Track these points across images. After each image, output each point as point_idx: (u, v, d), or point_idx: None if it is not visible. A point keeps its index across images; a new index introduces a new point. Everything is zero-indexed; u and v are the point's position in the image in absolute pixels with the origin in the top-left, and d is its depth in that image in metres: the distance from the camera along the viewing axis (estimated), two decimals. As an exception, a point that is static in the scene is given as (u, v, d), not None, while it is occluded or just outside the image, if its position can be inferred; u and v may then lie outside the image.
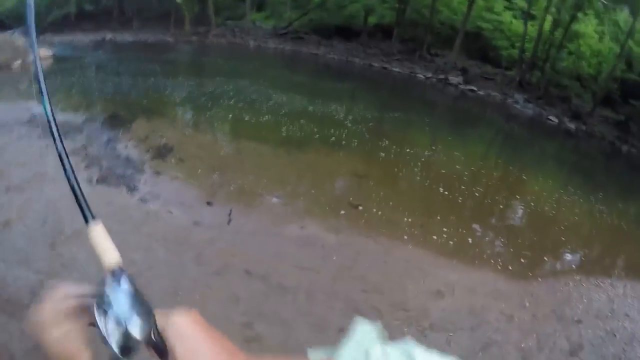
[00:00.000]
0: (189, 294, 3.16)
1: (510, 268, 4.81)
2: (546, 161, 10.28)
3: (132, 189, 5.45)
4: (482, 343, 3.33)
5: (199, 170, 5.70)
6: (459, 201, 6.12)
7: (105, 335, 0.48)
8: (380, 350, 0.45)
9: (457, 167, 7.57)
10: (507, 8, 17.27)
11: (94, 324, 0.50)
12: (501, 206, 6.60)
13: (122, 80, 10.08)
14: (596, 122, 13.22)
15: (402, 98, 13.00)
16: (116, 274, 0.54)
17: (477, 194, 6.67)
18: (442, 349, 2.92)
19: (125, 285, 0.53)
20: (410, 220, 5.16)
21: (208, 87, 9.78)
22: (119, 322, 0.49)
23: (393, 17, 15.89)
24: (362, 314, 3.27)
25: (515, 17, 17.13)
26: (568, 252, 5.78)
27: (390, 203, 5.59)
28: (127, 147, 6.88)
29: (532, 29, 15.39)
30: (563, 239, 6.07)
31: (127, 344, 0.48)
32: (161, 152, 6.50)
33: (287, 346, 2.73)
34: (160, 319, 0.51)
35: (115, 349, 0.48)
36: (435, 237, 5.07)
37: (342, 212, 4.92)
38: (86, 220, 0.60)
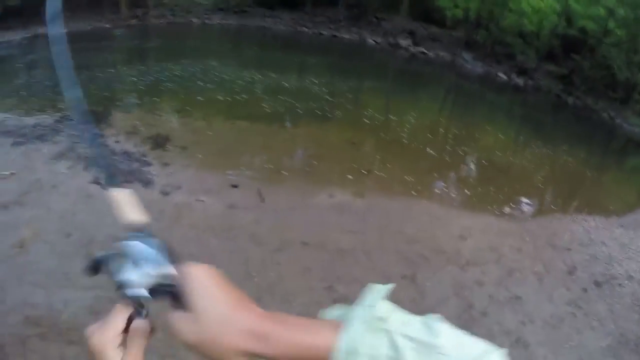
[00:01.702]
0: (264, 274, 3.45)
1: (504, 212, 5.72)
2: (502, 115, 11.54)
3: (147, 183, 5.41)
4: (507, 270, 4.12)
5: (207, 155, 5.85)
6: (446, 159, 6.96)
7: (132, 282, 0.50)
8: (399, 318, 0.45)
9: (430, 126, 8.41)
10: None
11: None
12: (482, 160, 7.54)
13: (75, 75, 9.56)
14: (542, 77, 14.80)
15: (360, 65, 13.52)
16: (141, 228, 0.57)
17: (457, 150, 7.54)
18: (480, 279, 3.65)
19: (150, 236, 0.55)
20: (412, 179, 5.83)
21: (172, 71, 9.57)
22: (154, 263, 0.51)
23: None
24: (412, 261, 3.88)
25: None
26: (544, 195, 6.87)
27: (388, 165, 6.24)
28: (118, 141, 6.76)
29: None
30: (538, 184, 7.17)
31: (153, 290, 0.51)
32: (158, 142, 6.47)
33: None
34: (182, 271, 0.51)
35: (143, 292, 0.50)
36: (437, 191, 5.82)
37: (357, 177, 5.47)
38: (112, 184, 0.61)
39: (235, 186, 5.01)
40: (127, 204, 0.61)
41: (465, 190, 5.99)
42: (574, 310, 3.78)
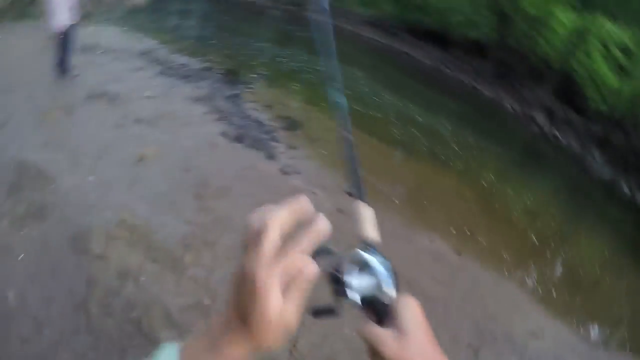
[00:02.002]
0: None
1: (579, 329, 5.62)
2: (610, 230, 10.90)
3: (271, 156, 5.80)
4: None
5: (331, 155, 6.15)
6: (545, 253, 6.94)
7: (354, 285, 0.55)
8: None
9: (540, 215, 8.33)
10: (604, 57, 17.15)
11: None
12: (579, 270, 7.38)
13: (225, 35, 10.59)
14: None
15: (492, 127, 13.46)
16: (375, 247, 0.63)
17: (558, 249, 7.43)
18: None
19: (384, 258, 0.60)
20: (508, 257, 5.97)
21: (317, 65, 10.36)
22: (379, 277, 0.56)
23: (492, 36, 16.10)
24: (482, 335, 4.12)
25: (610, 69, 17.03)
26: (626, 330, 6.56)
27: (491, 234, 6.32)
28: (254, 109, 7.40)
29: (628, 88, 15.41)
30: (623, 316, 6.84)
31: (370, 298, 0.56)
32: (290, 125, 6.99)
33: None
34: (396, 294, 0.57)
35: (357, 300, 0.55)
36: (527, 281, 5.91)
37: (459, 233, 5.74)
38: (360, 197, 0.67)
39: (349, 194, 5.54)
40: (367, 219, 0.68)
41: (553, 291, 5.99)
42: None
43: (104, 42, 9.23)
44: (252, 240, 0.44)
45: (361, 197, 0.68)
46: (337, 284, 0.55)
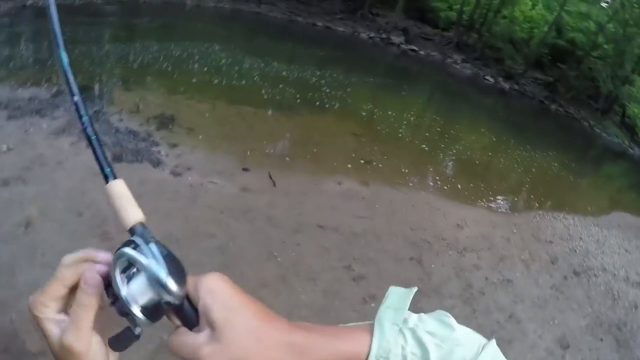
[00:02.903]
0: (285, 254, 3.71)
1: (493, 206, 6.25)
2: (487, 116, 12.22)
3: (156, 163, 5.39)
4: (499, 257, 4.62)
5: (214, 138, 6.03)
6: (438, 154, 7.48)
7: (126, 298, 0.42)
8: (416, 317, 0.48)
9: (420, 123, 8.91)
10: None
11: (113, 295, 0.43)
12: (475, 159, 8.10)
13: (69, 49, 9.43)
14: (527, 83, 15.63)
15: (353, 59, 13.88)
16: (138, 232, 0.47)
17: (447, 146, 8.07)
18: (476, 263, 4.15)
19: (150, 242, 0.45)
20: (408, 171, 6.30)
21: (168, 51, 9.60)
22: (152, 275, 0.42)
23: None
24: (418, 245, 4.32)
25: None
26: (528, 193, 7.49)
27: (386, 157, 6.62)
28: (122, 119, 6.76)
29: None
30: (521, 183, 7.78)
31: (156, 304, 0.43)
32: (164, 123, 6.56)
33: (386, 278, 3.66)
34: (189, 283, 0.44)
35: (138, 314, 0.42)
36: (432, 184, 6.30)
37: (358, 166, 5.86)
38: (106, 178, 0.52)
39: (246, 169, 5.27)
40: (122, 198, 0.52)
41: (458, 185, 6.49)
42: (557, 294, 4.32)
43: None
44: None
45: (105, 177, 0.53)
46: (115, 300, 0.44)
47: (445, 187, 6.27)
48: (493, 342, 0.48)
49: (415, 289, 0.50)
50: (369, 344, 0.44)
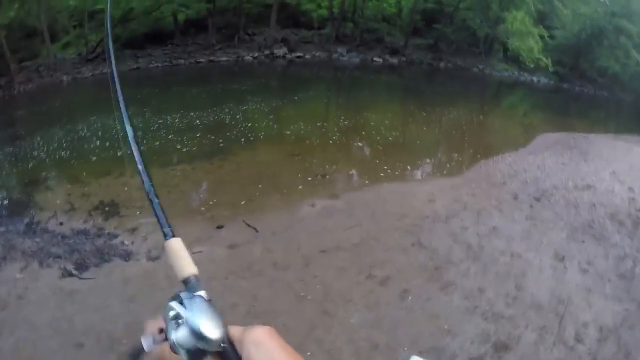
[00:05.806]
0: (311, 290, 3.81)
1: (445, 172, 7.02)
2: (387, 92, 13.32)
3: (126, 255, 5.14)
4: (475, 212, 5.30)
5: (168, 207, 5.90)
6: (373, 145, 8.15)
7: (174, 342, 0.53)
8: None
9: (334, 122, 9.58)
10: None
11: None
12: (405, 137, 8.88)
13: None
14: (412, 52, 17.31)
15: (245, 84, 14.15)
16: (191, 284, 0.61)
17: (372, 137, 8.78)
18: (463, 225, 4.81)
19: (200, 293, 0.59)
20: (359, 170, 6.86)
21: (68, 136, 9.11)
22: (191, 327, 0.53)
23: (202, 10, 16.71)
24: (410, 231, 4.80)
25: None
26: (462, 149, 8.44)
27: (334, 166, 7.06)
28: (61, 222, 6.27)
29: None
30: (453, 141, 8.73)
31: (198, 350, 0.53)
32: (109, 211, 6.19)
33: (406, 269, 4.05)
34: (234, 332, 0.55)
35: (184, 356, 0.53)
36: (385, 174, 6.90)
37: (317, 182, 6.23)
38: (165, 236, 0.65)
39: (220, 227, 5.30)
40: (177, 255, 0.65)
41: (407, 166, 7.18)
42: (533, 222, 5.11)
43: None
44: None
45: (164, 235, 0.67)
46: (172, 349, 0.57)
47: (397, 173, 6.89)
48: None
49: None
50: None
